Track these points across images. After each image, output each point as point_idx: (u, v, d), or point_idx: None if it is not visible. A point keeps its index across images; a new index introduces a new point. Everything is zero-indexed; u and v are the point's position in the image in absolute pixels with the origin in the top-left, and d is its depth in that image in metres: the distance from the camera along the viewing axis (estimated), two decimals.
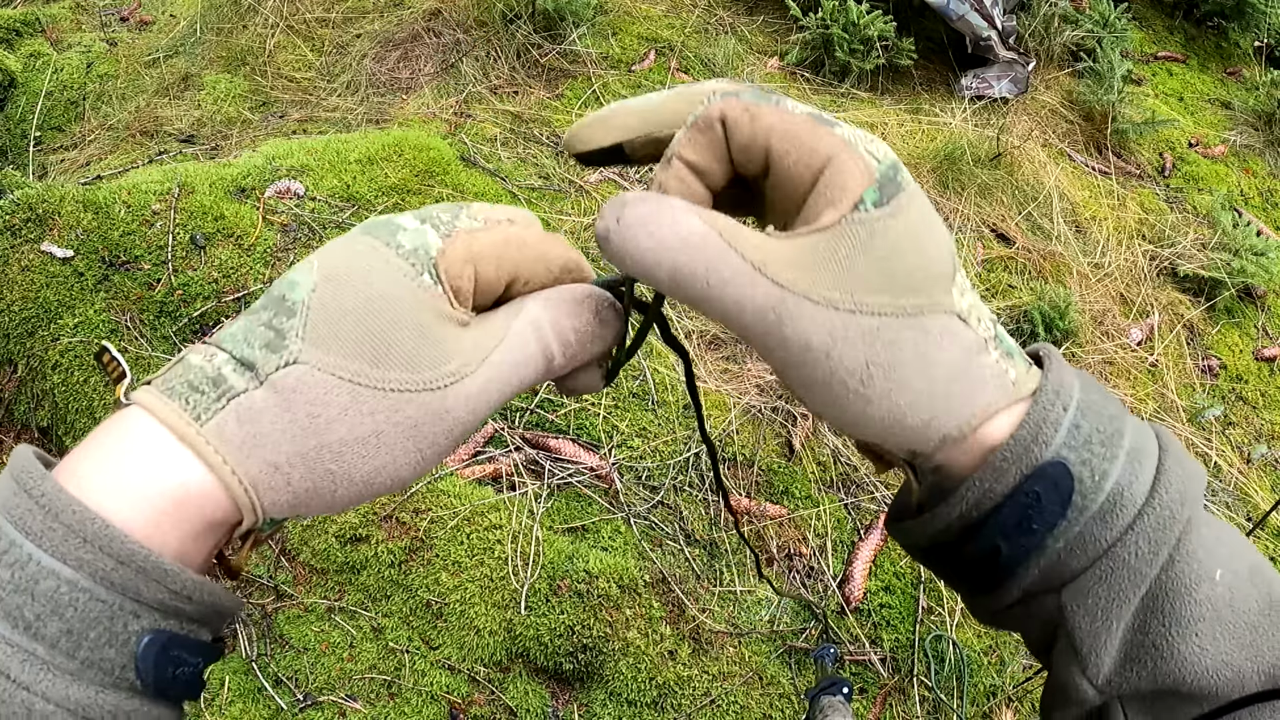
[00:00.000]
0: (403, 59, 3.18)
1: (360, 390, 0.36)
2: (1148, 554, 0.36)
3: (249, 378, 0.36)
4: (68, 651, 0.32)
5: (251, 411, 0.35)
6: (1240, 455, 2.52)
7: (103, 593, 0.32)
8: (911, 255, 0.37)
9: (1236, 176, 3.38)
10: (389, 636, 1.76)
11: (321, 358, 0.36)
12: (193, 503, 0.35)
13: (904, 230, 0.37)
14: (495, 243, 0.41)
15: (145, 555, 0.33)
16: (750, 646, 1.87)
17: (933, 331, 0.37)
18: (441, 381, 0.38)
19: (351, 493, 0.38)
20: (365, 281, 0.38)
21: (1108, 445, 0.37)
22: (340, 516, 1.79)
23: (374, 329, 0.37)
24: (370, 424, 0.37)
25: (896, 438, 0.39)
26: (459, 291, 0.40)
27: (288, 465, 0.36)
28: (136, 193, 2.12)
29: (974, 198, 2.84)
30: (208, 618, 0.37)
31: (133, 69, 3.24)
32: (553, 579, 1.79)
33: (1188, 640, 0.36)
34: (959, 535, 0.40)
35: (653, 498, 1.98)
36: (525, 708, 1.74)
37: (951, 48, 3.41)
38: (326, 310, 0.37)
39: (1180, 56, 3.87)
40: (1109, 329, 2.67)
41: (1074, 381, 0.39)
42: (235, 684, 1.69)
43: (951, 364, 0.38)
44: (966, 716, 1.90)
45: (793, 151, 0.38)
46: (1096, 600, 0.37)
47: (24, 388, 1.94)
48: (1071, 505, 0.37)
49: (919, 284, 0.37)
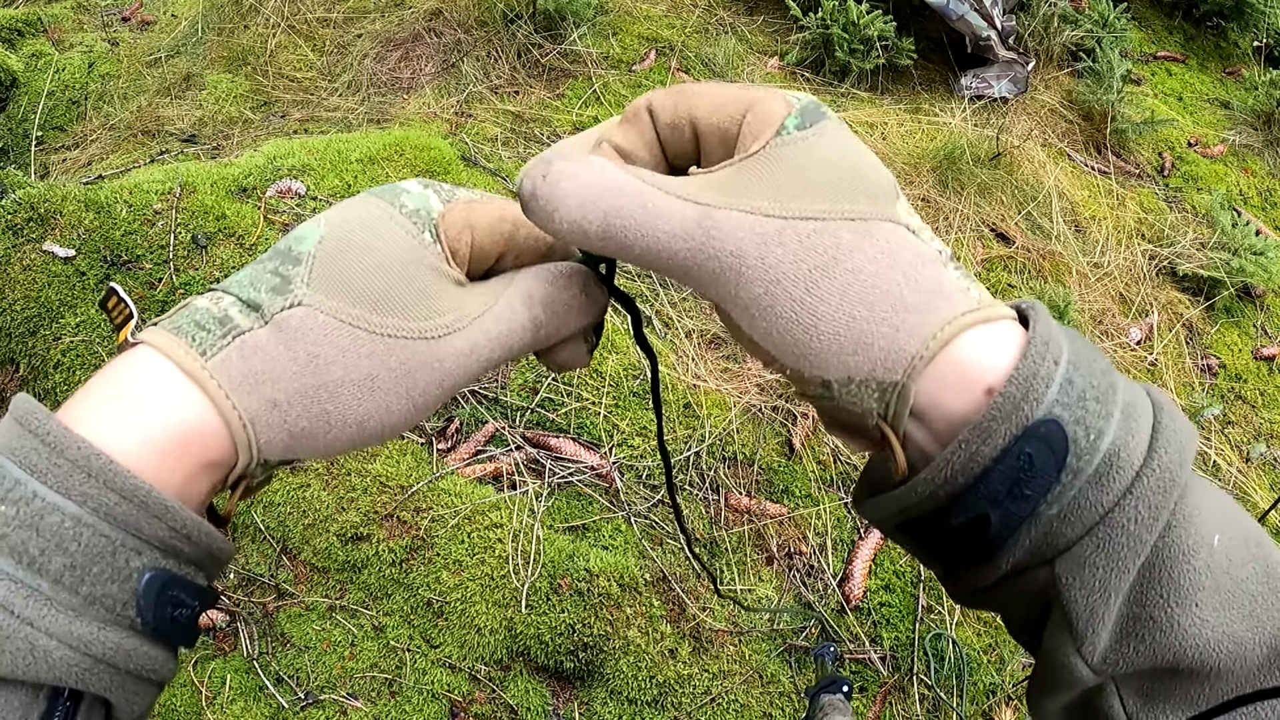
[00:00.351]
0: (404, 59, 3.17)
1: (359, 334, 0.37)
2: (1148, 519, 0.33)
3: (254, 318, 0.37)
4: (71, 587, 0.32)
5: (255, 348, 0.36)
6: (1239, 454, 2.52)
7: (106, 528, 0.33)
8: (845, 169, 0.36)
9: (1235, 176, 3.37)
10: (390, 635, 1.76)
11: (324, 301, 0.37)
12: (194, 440, 0.35)
13: (833, 147, 0.37)
14: (492, 214, 0.43)
15: (148, 491, 0.33)
16: (750, 645, 1.86)
17: (879, 236, 0.35)
18: (436, 332, 0.39)
19: (344, 435, 0.38)
20: (370, 235, 0.40)
21: (1102, 402, 0.34)
22: (341, 515, 1.79)
23: (376, 277, 0.39)
24: (367, 366, 0.37)
25: (858, 365, 0.35)
26: (456, 253, 0.42)
27: (286, 403, 0.36)
28: (138, 192, 2.12)
29: (974, 197, 2.83)
30: (203, 561, 0.37)
31: (134, 69, 3.24)
32: (553, 577, 1.78)
33: (1187, 611, 0.33)
34: (942, 505, 0.36)
35: (653, 496, 1.98)
36: (526, 706, 1.73)
37: (951, 48, 3.40)
38: (331, 259, 0.39)
39: (1179, 56, 3.87)
40: (1108, 328, 2.66)
41: (1060, 334, 0.35)
42: (236, 682, 1.69)
43: (906, 269, 0.35)
44: (966, 715, 1.89)
45: (716, 111, 0.38)
46: (1094, 571, 0.34)
47: (26, 387, 1.93)
48: (1066, 467, 0.33)
49: (858, 194, 0.36)
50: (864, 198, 0.36)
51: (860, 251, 0.35)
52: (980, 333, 0.35)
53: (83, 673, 0.33)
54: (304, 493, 1.82)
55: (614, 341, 2.18)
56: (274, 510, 1.82)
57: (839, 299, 0.35)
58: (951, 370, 0.35)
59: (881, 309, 0.34)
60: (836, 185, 0.36)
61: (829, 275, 0.35)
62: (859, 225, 0.35)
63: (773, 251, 0.35)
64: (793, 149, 0.36)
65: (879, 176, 0.37)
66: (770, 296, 0.35)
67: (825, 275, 0.35)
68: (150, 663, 0.35)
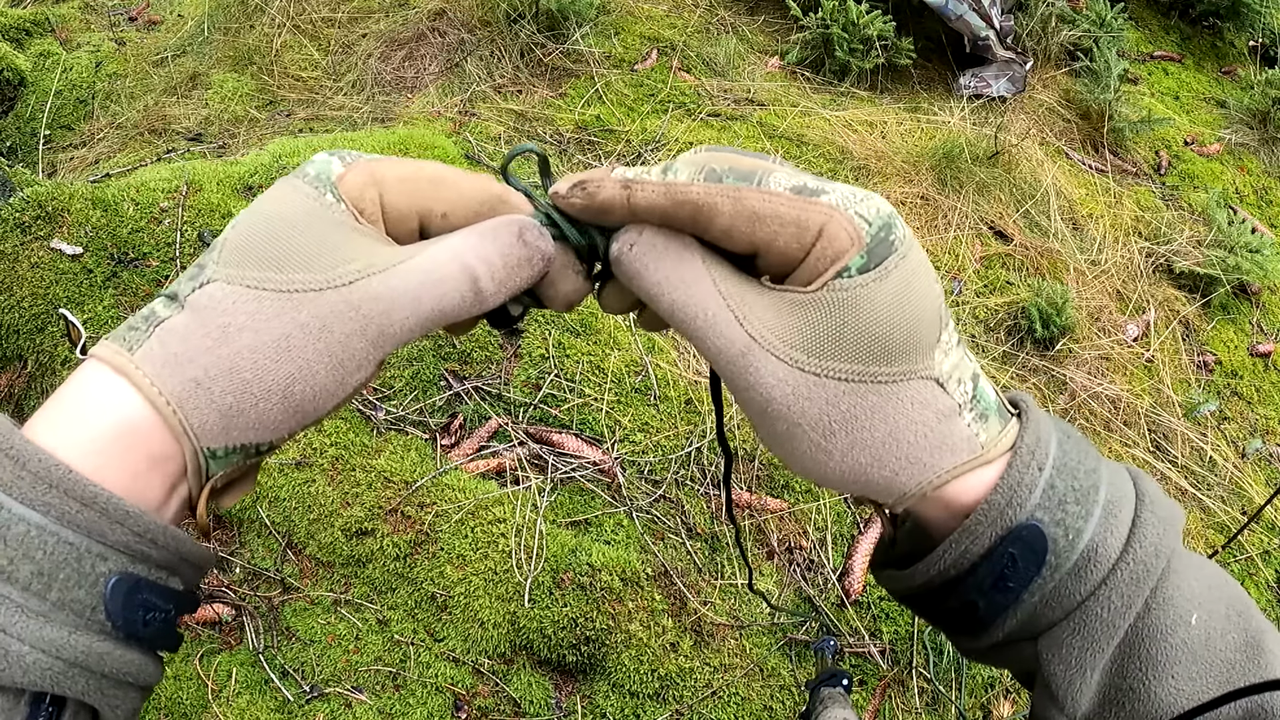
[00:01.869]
0: (408, 58, 3.16)
1: (263, 295, 0.37)
2: (1121, 608, 0.37)
3: (174, 306, 0.37)
4: (39, 593, 0.33)
5: (172, 332, 0.36)
6: (1235, 450, 2.51)
7: (69, 535, 0.33)
8: (892, 323, 0.37)
9: (1231, 174, 3.36)
10: (394, 629, 1.75)
11: (230, 273, 0.37)
12: (133, 435, 0.35)
13: (888, 296, 0.37)
14: (402, 173, 0.41)
15: (107, 498, 0.34)
16: (751, 639, 1.86)
17: (904, 399, 0.38)
18: (343, 279, 0.38)
19: (274, 405, 0.37)
20: (273, 205, 0.39)
21: (1082, 503, 0.38)
22: (346, 510, 1.78)
23: (277, 239, 0.38)
24: (277, 326, 0.37)
25: (856, 491, 0.40)
26: (363, 211, 0.40)
27: (208, 379, 0.36)
28: (145, 190, 2.11)
29: (972, 195, 2.82)
30: (176, 565, 0.37)
31: (141, 68, 3.22)
32: (556, 572, 1.78)
33: (1164, 683, 0.37)
34: (939, 589, 0.40)
35: (655, 492, 1.97)
36: (529, 699, 1.73)
37: (950, 47, 3.39)
38: (240, 236, 0.38)
39: (1176, 56, 3.85)
40: (1105, 325, 2.65)
41: (1050, 437, 0.39)
42: (242, 676, 1.69)
43: (920, 427, 0.38)
44: (965, 708, 1.89)
45: (781, 235, 0.38)
46: (1070, 650, 0.38)
47: (34, 383, 1.93)
48: (1046, 564, 0.37)
49: (896, 352, 0.38)
50: (902, 357, 0.38)
51: (881, 413, 0.38)
52: (973, 476, 0.39)
53: (57, 676, 0.33)
54: (309, 488, 1.81)
55: (616, 339, 2.17)
56: (279, 505, 1.81)
57: (851, 450, 0.38)
58: (943, 498, 0.39)
59: (887, 460, 0.38)
60: (879, 348, 0.37)
61: (847, 431, 0.38)
62: (887, 388, 0.38)
63: (800, 403, 0.38)
64: (849, 297, 0.37)
65: (929, 316, 0.38)
66: (790, 435, 0.39)
67: (844, 430, 0.38)
68: (126, 666, 0.36)
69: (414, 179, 0.41)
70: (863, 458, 0.38)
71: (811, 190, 0.37)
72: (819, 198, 0.37)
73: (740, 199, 0.37)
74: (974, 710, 1.90)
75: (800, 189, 0.37)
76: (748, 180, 0.38)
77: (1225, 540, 2.22)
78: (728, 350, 0.38)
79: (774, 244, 0.38)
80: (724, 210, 0.37)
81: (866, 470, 0.38)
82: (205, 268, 0.38)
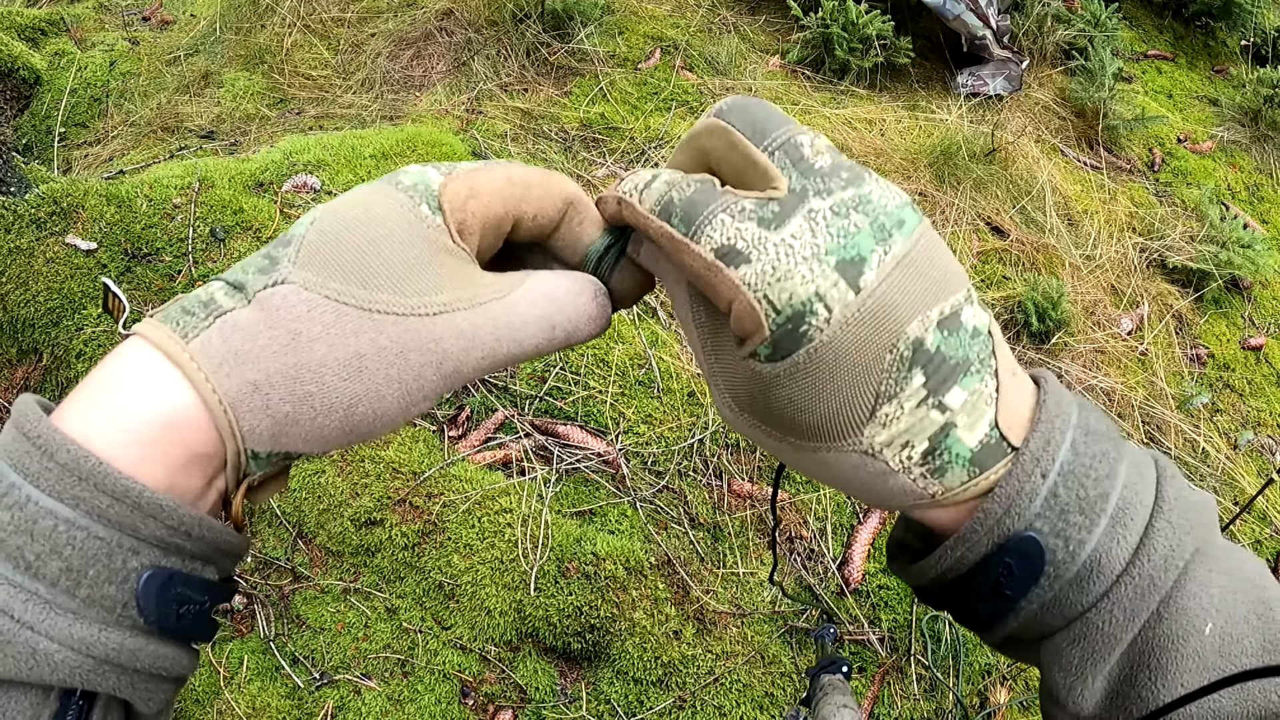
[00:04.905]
0: (416, 57, 3.13)
1: (345, 309, 0.34)
2: (1123, 621, 0.35)
3: (239, 298, 0.34)
4: (68, 590, 0.31)
5: (236, 327, 0.33)
6: (1227, 441, 2.49)
7: (100, 529, 0.31)
8: (803, 411, 0.36)
9: (1224, 171, 3.32)
10: (403, 617, 1.74)
11: (309, 278, 0.34)
12: (178, 430, 0.33)
13: (795, 390, 0.36)
14: (497, 179, 0.40)
15: (140, 490, 0.31)
16: (753, 626, 1.84)
17: (838, 460, 0.37)
18: (430, 309, 0.35)
19: (333, 423, 0.35)
20: (363, 211, 0.36)
21: (1087, 512, 0.35)
22: (356, 501, 1.76)
23: (367, 253, 0.35)
24: (353, 344, 0.34)
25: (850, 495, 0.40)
26: (462, 225, 0.38)
27: (268, 384, 0.33)
28: (158, 187, 2.09)
29: (969, 191, 2.79)
30: (211, 555, 0.35)
31: (154, 67, 3.20)
32: (561, 561, 1.76)
33: (1173, 692, 0.35)
34: (942, 589, 0.40)
35: (658, 482, 1.95)
36: (535, 685, 1.71)
37: (947, 46, 3.36)
38: (321, 238, 0.36)
39: (1169, 55, 3.81)
40: (1100, 319, 2.63)
41: (1063, 438, 0.36)
42: (254, 663, 1.67)
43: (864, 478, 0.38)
44: (962, 694, 1.87)
45: (706, 289, 0.37)
46: (1070, 659, 0.37)
47: (49, 376, 1.91)
48: (1044, 575, 0.35)
49: (811, 434, 0.37)
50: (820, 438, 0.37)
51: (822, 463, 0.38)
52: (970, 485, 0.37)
53: (87, 673, 0.31)
54: (319, 479, 1.79)
55: (620, 332, 2.15)
56: (290, 496, 1.80)
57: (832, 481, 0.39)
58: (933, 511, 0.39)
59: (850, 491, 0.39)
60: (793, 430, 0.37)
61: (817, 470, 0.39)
62: (814, 455, 0.38)
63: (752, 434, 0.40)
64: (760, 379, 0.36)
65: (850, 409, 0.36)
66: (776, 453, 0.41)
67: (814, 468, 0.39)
68: (159, 660, 0.34)
69: (508, 184, 0.40)
70: (842, 486, 0.38)
71: (738, 253, 0.35)
72: (735, 268, 0.35)
73: (674, 249, 0.37)
74: (971, 697, 1.89)
75: (725, 251, 0.35)
76: (687, 224, 0.36)
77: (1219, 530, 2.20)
78: (700, 361, 0.40)
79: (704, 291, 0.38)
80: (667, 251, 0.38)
81: (848, 491, 0.39)
82: (279, 264, 0.35)
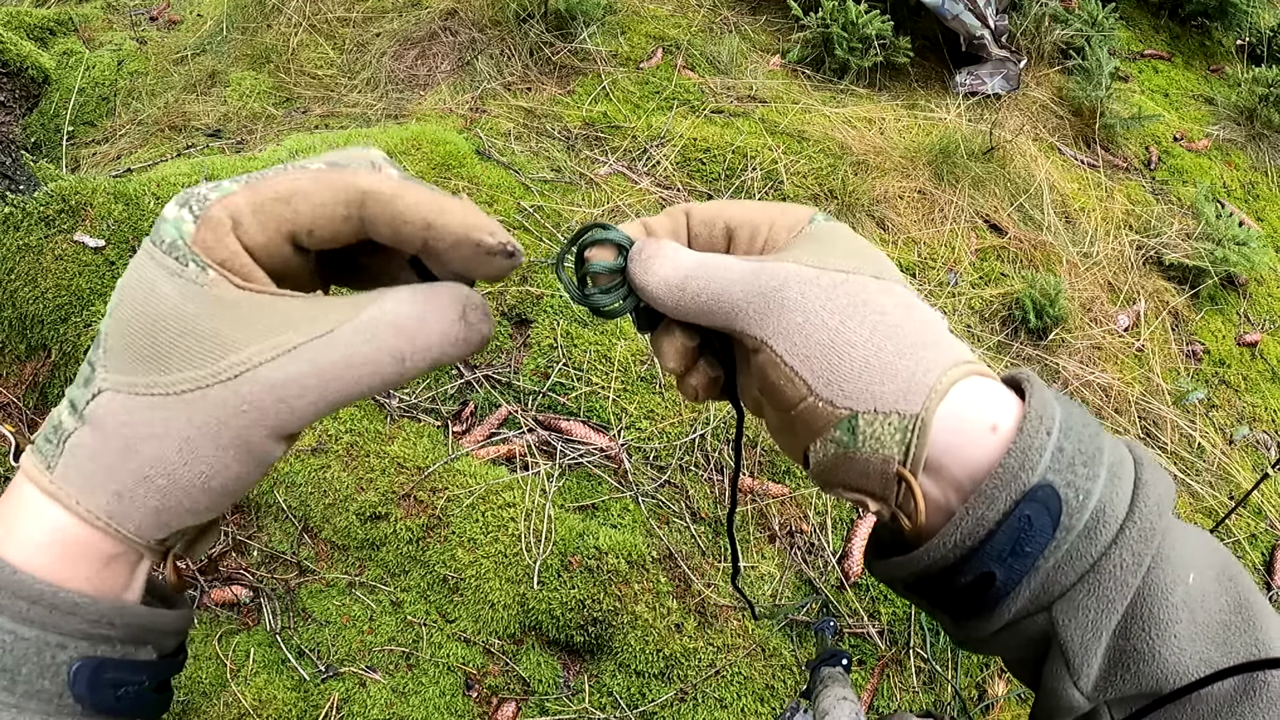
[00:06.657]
0: (420, 57, 3.12)
1: (154, 401, 0.33)
2: (1132, 564, 0.36)
3: (75, 417, 0.35)
4: (7, 687, 0.33)
5: (80, 450, 0.34)
6: (1223, 437, 2.47)
7: (25, 630, 0.33)
8: (864, 248, 0.42)
9: (1219, 169, 3.31)
10: (407, 610, 1.73)
11: (118, 380, 0.34)
12: (78, 545, 0.35)
13: (851, 236, 0.43)
14: (254, 202, 0.35)
15: (54, 592, 0.33)
16: (753, 620, 1.83)
17: (897, 293, 0.40)
18: (229, 372, 0.33)
19: (200, 498, 0.35)
20: (138, 289, 0.34)
21: (1089, 465, 0.37)
22: (361, 495, 1.76)
23: (153, 333, 0.34)
24: (176, 430, 0.33)
25: (884, 395, 0.38)
26: (232, 265, 0.34)
27: (128, 492, 0.34)
28: (165, 185, 2.08)
29: (968, 190, 2.78)
30: (143, 637, 0.37)
31: (162, 66, 3.19)
32: (564, 555, 1.75)
33: (1167, 642, 0.36)
34: (952, 565, 0.39)
35: (660, 477, 1.94)
36: (538, 678, 1.71)
37: (946, 46, 3.34)
38: (117, 330, 0.34)
39: (1165, 54, 3.79)
40: (1097, 315, 2.61)
41: (1054, 405, 0.39)
42: (260, 656, 1.66)
43: (919, 321, 0.39)
44: (960, 687, 1.86)
45: (747, 214, 0.45)
46: (1086, 612, 0.37)
47: (57, 372, 1.90)
48: (1060, 525, 0.36)
49: (874, 264, 0.41)
50: (881, 268, 0.41)
51: (884, 300, 0.39)
52: (980, 383, 0.39)
53: None
54: (324, 473, 1.79)
55: (622, 329, 2.14)
56: (295, 490, 1.79)
57: (869, 332, 0.38)
58: (958, 414, 0.38)
59: (904, 345, 0.38)
60: (859, 256, 0.41)
61: (859, 313, 0.39)
62: (881, 283, 0.40)
63: (811, 289, 0.39)
64: (821, 231, 0.43)
65: (887, 261, 0.43)
66: (809, 324, 0.39)
67: (856, 312, 0.39)
68: None
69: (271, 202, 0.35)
70: (884, 343, 0.38)
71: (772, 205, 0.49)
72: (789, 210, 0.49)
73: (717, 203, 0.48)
74: (969, 689, 1.88)
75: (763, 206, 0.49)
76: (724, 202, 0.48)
77: (1214, 524, 2.19)
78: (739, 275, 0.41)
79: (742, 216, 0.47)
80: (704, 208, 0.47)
81: (888, 358, 0.38)
82: (95, 370, 0.34)
